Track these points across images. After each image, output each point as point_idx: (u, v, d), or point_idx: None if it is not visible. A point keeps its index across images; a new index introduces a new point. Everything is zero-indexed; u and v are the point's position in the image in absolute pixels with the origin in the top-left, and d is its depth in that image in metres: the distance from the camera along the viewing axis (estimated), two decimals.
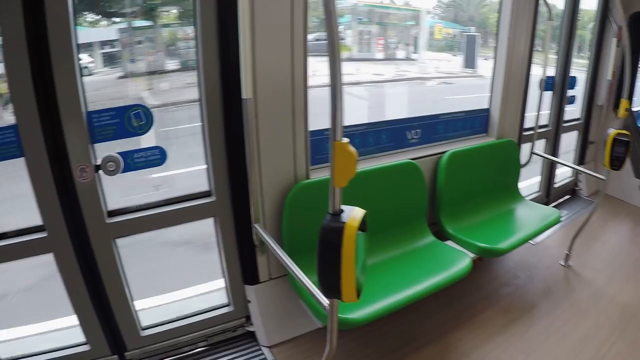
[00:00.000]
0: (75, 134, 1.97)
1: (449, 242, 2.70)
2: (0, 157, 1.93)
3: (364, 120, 2.91)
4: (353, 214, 1.46)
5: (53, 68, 1.86)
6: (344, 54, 8.54)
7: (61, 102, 1.91)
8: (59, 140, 1.95)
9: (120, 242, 2.20)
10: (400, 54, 9.37)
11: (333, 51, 1.33)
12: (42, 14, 1.77)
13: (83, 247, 2.12)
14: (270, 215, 2.31)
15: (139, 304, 2.37)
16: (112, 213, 2.16)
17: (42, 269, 3.11)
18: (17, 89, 1.85)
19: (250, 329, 2.52)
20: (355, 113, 7.04)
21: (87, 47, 5.46)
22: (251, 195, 2.18)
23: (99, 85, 5.35)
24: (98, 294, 2.22)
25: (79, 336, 2.29)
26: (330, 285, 1.48)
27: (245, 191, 2.19)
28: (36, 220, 2.05)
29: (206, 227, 2.38)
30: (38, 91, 1.87)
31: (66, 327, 2.42)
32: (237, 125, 2.12)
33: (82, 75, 1.97)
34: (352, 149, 1.40)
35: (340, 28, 8.34)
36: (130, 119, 2.05)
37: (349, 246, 1.41)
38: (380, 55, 9.11)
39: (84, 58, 5.54)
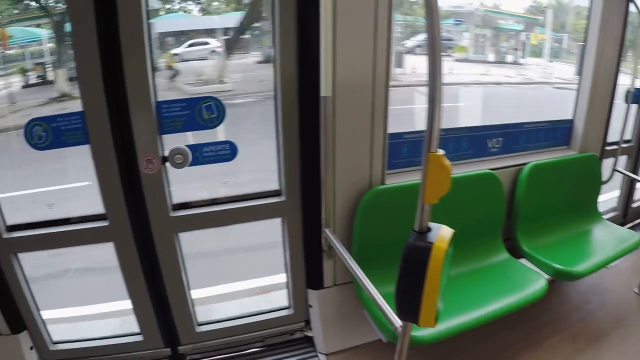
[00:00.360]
0: (143, 124, 1.85)
1: (523, 260, 2.44)
2: (65, 142, 1.84)
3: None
4: (441, 234, 1.28)
5: (123, 54, 1.73)
6: (461, 55, 8.31)
7: (130, 89, 1.79)
8: (126, 129, 1.84)
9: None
10: (508, 58, 9.14)
11: (433, 51, 1.13)
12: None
13: (144, 239, 2.01)
14: (341, 219, 2.12)
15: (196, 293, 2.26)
16: (177, 206, 2.02)
17: None
18: (84, 74, 1.74)
19: (309, 334, 2.37)
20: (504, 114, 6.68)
21: (212, 32, 5.62)
22: (323, 198, 2.00)
23: (242, 68, 5.44)
24: (156, 287, 2.11)
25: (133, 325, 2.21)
26: (408, 308, 1.32)
27: (317, 193, 2.01)
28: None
29: None
30: (106, 77, 1.75)
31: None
32: (313, 123, 1.94)
33: (153, 63, 1.82)
34: (447, 162, 1.22)
35: (458, 30, 8.07)
36: (201, 111, 1.90)
37: (435, 269, 1.23)
38: (491, 58, 8.93)
39: (212, 42, 5.67)
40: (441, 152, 1.23)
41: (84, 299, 2.83)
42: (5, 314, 2.11)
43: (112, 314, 2.51)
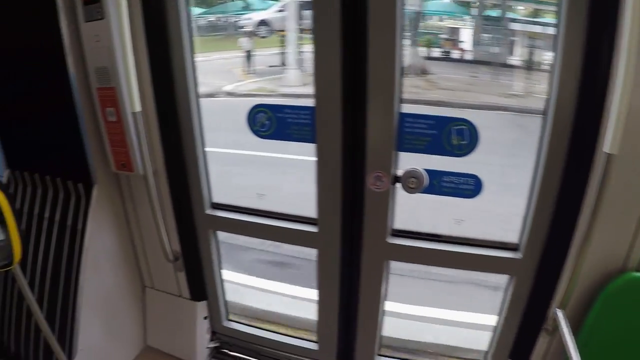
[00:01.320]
0: (380, 135, 1.73)
1: None
2: (289, 136, 1.85)
3: None
4: None
5: (368, 50, 1.63)
6: None
7: (372, 92, 1.68)
8: (359, 137, 1.75)
9: None
10: None
11: None
12: None
13: (352, 257, 1.97)
14: (577, 295, 1.84)
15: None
16: (396, 232, 1.98)
17: None
18: (321, 66, 1.71)
19: None
20: None
21: None
22: (564, 271, 1.79)
23: None
24: (348, 306, 2.09)
25: None
26: None
27: (560, 262, 1.77)
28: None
29: None
30: (346, 73, 1.67)
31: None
32: (580, 180, 1.65)
33: (402, 65, 1.67)
34: None
35: None
36: (451, 134, 1.75)
37: None
38: None
39: None
40: None
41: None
42: (190, 281, 2.31)
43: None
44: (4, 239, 1.49)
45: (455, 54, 6.29)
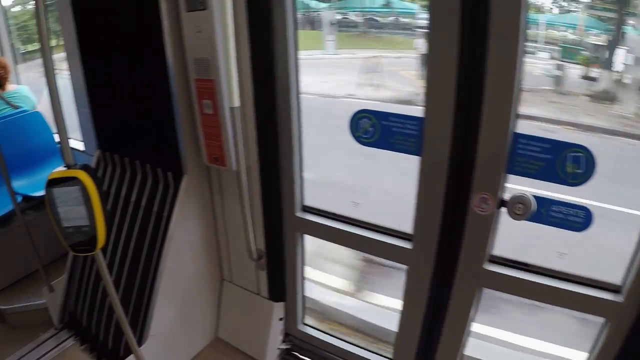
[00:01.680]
0: (491, 155, 1.64)
1: None
2: (393, 146, 1.80)
3: None
4: None
5: (487, 60, 1.54)
6: None
7: (487, 107, 1.59)
8: (469, 155, 1.67)
9: None
10: None
11: None
12: None
13: (443, 279, 1.91)
14: None
15: None
16: (494, 259, 1.92)
17: None
18: (435, 75, 1.63)
19: None
20: None
21: None
22: None
23: None
24: (432, 328, 2.04)
25: None
26: None
27: None
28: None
29: None
30: (461, 84, 1.59)
31: None
32: None
33: (521, 81, 1.57)
34: None
35: None
36: (565, 161, 1.65)
37: None
38: None
39: None
40: None
41: None
42: (271, 281, 2.33)
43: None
44: (88, 224, 1.50)
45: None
